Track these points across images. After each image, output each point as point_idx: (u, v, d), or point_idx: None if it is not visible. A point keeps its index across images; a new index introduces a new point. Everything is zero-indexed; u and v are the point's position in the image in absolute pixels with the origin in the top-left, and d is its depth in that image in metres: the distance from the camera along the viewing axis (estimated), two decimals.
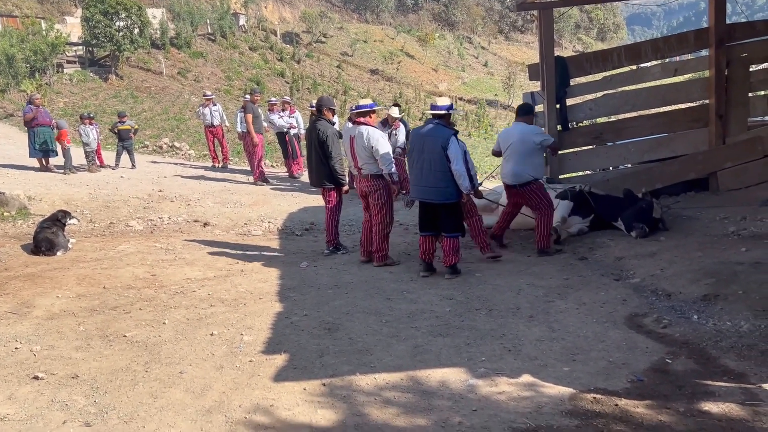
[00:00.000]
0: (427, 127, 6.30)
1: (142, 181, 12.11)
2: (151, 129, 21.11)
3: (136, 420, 3.46)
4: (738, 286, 4.98)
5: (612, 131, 9.24)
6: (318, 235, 8.88)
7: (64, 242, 7.65)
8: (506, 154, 7.04)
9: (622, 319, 4.89)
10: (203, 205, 10.43)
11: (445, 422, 3.38)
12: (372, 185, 6.76)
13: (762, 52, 8.24)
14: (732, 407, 3.42)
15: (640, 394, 3.64)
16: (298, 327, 4.90)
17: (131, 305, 5.52)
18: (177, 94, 27.40)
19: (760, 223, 6.67)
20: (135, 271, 6.62)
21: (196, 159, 16.77)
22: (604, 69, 9.07)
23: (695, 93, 9.14)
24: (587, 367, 4.04)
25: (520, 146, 6.89)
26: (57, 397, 3.76)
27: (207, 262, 7.11)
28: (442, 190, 6.16)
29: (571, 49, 52.24)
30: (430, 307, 5.35)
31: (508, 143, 7.02)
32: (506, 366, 4.10)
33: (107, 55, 27.92)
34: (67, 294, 5.85)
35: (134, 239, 8.45)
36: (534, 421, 3.37)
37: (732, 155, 8.55)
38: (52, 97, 23.04)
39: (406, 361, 4.23)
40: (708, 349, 4.22)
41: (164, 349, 4.50)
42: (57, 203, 9.81)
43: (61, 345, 4.59)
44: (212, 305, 5.50)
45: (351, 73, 38.84)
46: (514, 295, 5.60)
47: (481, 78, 46.62)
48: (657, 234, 6.98)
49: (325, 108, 7.34)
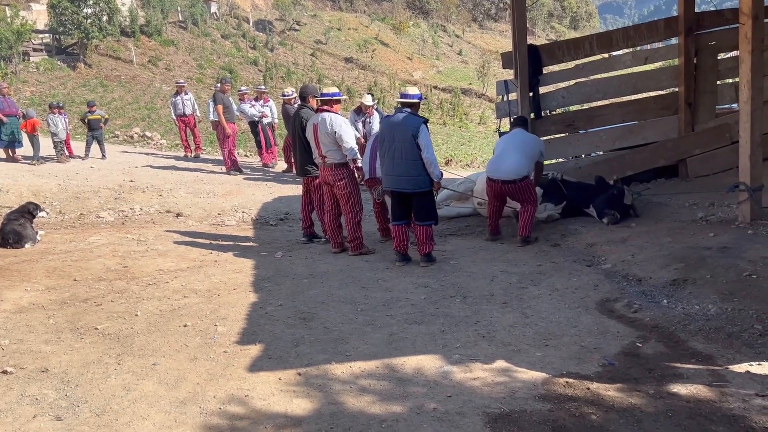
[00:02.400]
0: (397, 116, 6.27)
1: (112, 172, 11.90)
2: (121, 118, 20.77)
3: (109, 413, 3.42)
4: (706, 271, 5.09)
5: (584, 119, 9.35)
6: (293, 224, 8.84)
7: (33, 234, 7.50)
8: (503, 151, 6.99)
9: (594, 304, 4.97)
10: (176, 195, 10.30)
11: (420, 408, 3.40)
12: (336, 174, 6.66)
13: (730, 41, 8.36)
14: (700, 389, 3.50)
15: (611, 377, 3.71)
16: (272, 317, 4.88)
17: (102, 297, 5.44)
18: (148, 82, 26.97)
19: (727, 208, 6.81)
20: (106, 263, 6.52)
21: (168, 149, 16.56)
22: (576, 57, 9.14)
23: (665, 81, 9.28)
24: (560, 352, 4.09)
25: (524, 147, 6.95)
26: (27, 391, 3.69)
27: (180, 253, 7.03)
28: (414, 179, 6.16)
29: (544, 37, 52.48)
30: (405, 295, 5.37)
31: (508, 141, 7.10)
32: (480, 352, 4.14)
33: (75, 43, 27.36)
34: (36, 287, 5.74)
35: (105, 231, 8.32)
36: (508, 405, 3.41)
37: (701, 142, 8.70)
38: (18, 86, 22.52)
39: (381, 349, 4.24)
40: (677, 332, 4.31)
41: (137, 341, 4.45)
42: (25, 195, 9.61)
43: (30, 339, 4.51)
44: (185, 296, 5.45)
45: (325, 62, 38.60)
46: (488, 282, 5.64)
47: (455, 66, 46.68)
48: (628, 220, 7.09)
49: (309, 95, 7.33)
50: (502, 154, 6.98)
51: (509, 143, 7.06)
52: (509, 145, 7.02)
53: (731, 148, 8.18)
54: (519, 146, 6.96)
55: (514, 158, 6.85)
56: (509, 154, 6.92)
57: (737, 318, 4.34)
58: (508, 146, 7.02)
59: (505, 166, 6.87)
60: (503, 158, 6.94)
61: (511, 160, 6.85)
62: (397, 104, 6.53)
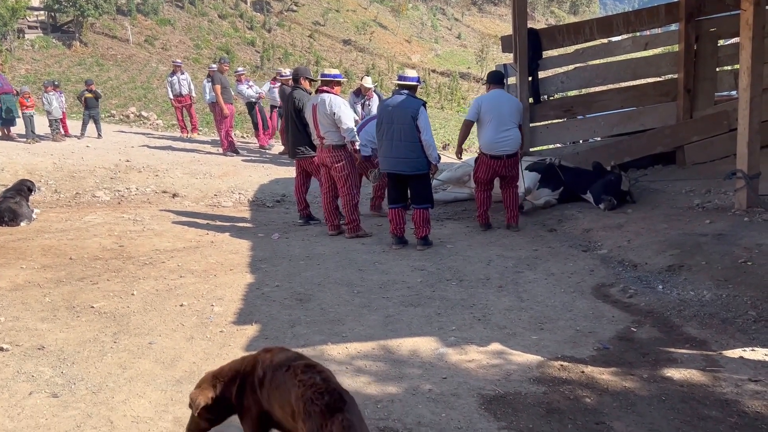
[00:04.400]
0: (396, 99, 6.24)
1: (108, 151, 11.84)
2: (117, 98, 20.63)
3: (105, 391, 3.43)
4: (701, 257, 5.11)
5: (583, 104, 9.32)
6: (290, 206, 8.83)
7: (28, 212, 7.47)
8: (500, 124, 6.53)
9: (590, 289, 4.99)
10: (172, 175, 10.26)
11: (416, 390, 3.42)
12: (334, 156, 6.63)
13: (730, 27, 8.32)
14: (693, 373, 3.53)
15: (606, 361, 3.73)
16: (269, 298, 4.89)
17: (98, 276, 5.44)
18: (144, 62, 26.76)
19: (723, 196, 6.82)
20: (102, 242, 6.51)
21: (164, 129, 16.47)
22: (576, 42, 9.09)
23: (665, 67, 9.23)
24: (555, 336, 4.11)
25: (514, 114, 6.61)
26: (23, 368, 3.70)
27: (176, 233, 7.02)
28: (412, 161, 6.14)
29: (543, 22, 52.16)
30: (401, 277, 5.38)
31: (499, 111, 6.56)
32: (476, 335, 4.15)
33: (70, 21, 27.07)
34: (31, 265, 5.73)
35: (101, 210, 8.29)
36: (502, 388, 3.43)
37: (699, 129, 8.68)
38: (13, 64, 22.33)
39: (377, 330, 4.26)
40: (672, 318, 4.34)
41: (133, 320, 4.45)
42: (20, 173, 9.56)
43: (26, 316, 4.51)
44: (182, 276, 5.45)
45: (323, 43, 38.31)
46: (485, 265, 5.66)
47: (454, 50, 46.39)
48: (624, 206, 7.10)
49: (301, 77, 7.32)
50: (499, 127, 6.53)
51: (499, 112, 6.56)
52: (501, 114, 6.55)
53: (729, 136, 8.17)
54: (511, 113, 6.58)
55: (513, 130, 6.57)
56: (506, 125, 6.54)
57: (732, 304, 4.37)
58: (501, 116, 6.54)
59: (508, 140, 6.56)
60: (501, 131, 6.54)
61: (512, 131, 6.57)
62: (395, 86, 6.49)
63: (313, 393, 2.22)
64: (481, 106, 6.68)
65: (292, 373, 2.36)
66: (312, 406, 2.19)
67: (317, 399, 2.20)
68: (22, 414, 3.20)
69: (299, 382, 2.29)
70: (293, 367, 2.38)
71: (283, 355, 2.51)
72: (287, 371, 2.38)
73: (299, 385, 2.28)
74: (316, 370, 2.37)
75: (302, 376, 2.31)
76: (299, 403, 2.24)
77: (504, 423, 3.08)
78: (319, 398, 2.20)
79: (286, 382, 2.35)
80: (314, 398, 2.20)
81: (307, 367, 2.38)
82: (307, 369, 2.36)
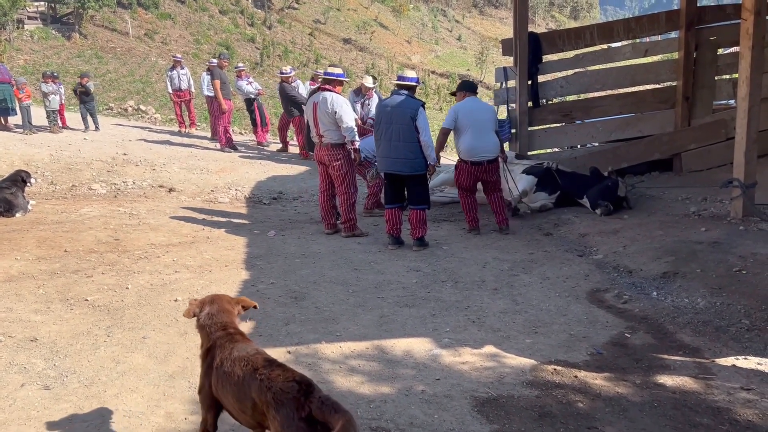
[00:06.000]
0: (395, 99, 6.23)
1: (106, 144, 11.81)
2: (116, 91, 20.57)
3: (97, 384, 3.42)
4: (696, 265, 5.12)
5: (581, 109, 9.34)
6: (286, 204, 8.82)
7: (24, 204, 7.44)
8: (480, 130, 6.57)
9: (584, 293, 5.00)
10: (169, 170, 10.24)
11: (409, 390, 3.42)
12: (332, 155, 6.62)
13: (730, 36, 8.34)
14: (686, 380, 3.54)
15: (599, 366, 3.74)
16: (264, 295, 4.88)
17: (93, 269, 5.42)
18: (143, 56, 26.68)
19: (719, 204, 6.84)
20: (97, 235, 6.49)
21: (162, 123, 16.41)
22: (576, 47, 9.10)
23: (664, 74, 9.26)
24: (549, 340, 4.12)
25: (492, 120, 6.73)
26: (15, 359, 3.68)
27: (172, 228, 7.00)
28: (410, 162, 6.14)
29: (544, 26, 52.22)
30: (396, 278, 5.38)
31: (476, 117, 6.60)
32: (470, 337, 4.16)
33: (70, 13, 26.99)
34: (26, 256, 5.71)
35: (97, 203, 8.27)
36: (495, 390, 3.43)
37: (696, 137, 8.71)
38: (12, 54, 22.23)
39: (371, 330, 4.26)
40: (665, 324, 4.35)
41: (127, 314, 4.44)
42: (16, 164, 9.53)
43: (19, 308, 4.49)
44: (177, 271, 5.43)
45: (323, 42, 38.28)
46: (480, 268, 5.66)
47: (454, 52, 46.42)
48: (621, 212, 7.11)
49: None
50: (480, 133, 6.54)
51: (478, 118, 6.58)
52: (478, 121, 6.57)
53: (726, 144, 8.21)
54: (489, 120, 6.64)
55: (491, 135, 6.64)
56: (486, 131, 6.59)
57: (725, 312, 4.38)
58: (480, 122, 6.57)
59: (489, 144, 6.60)
60: (482, 137, 6.55)
61: (490, 137, 6.62)
62: (394, 87, 6.49)
63: (281, 382, 2.28)
64: (458, 114, 6.64)
65: (251, 368, 2.41)
66: (283, 394, 2.24)
67: (287, 387, 2.25)
68: (13, 406, 3.19)
69: (261, 375, 2.34)
70: (252, 362, 2.43)
71: (243, 349, 2.54)
72: (246, 366, 2.43)
73: (262, 378, 2.33)
74: (275, 364, 2.43)
75: (263, 370, 2.36)
76: (266, 394, 2.28)
77: (496, 426, 3.08)
78: (288, 386, 2.26)
79: (246, 378, 2.40)
80: (284, 387, 2.25)
81: (267, 362, 2.44)
82: (267, 363, 2.42)
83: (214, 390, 2.56)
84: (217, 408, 2.61)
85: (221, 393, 2.52)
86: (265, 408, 2.28)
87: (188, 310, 2.72)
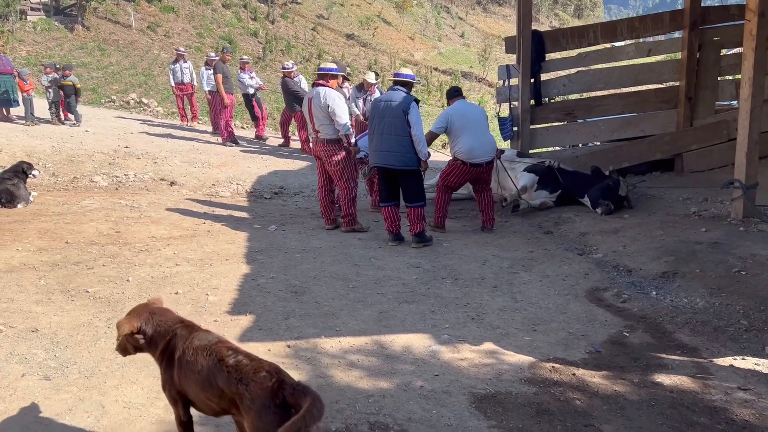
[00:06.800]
0: (389, 95, 6.30)
1: (107, 137, 11.81)
2: (118, 84, 20.54)
3: (97, 375, 3.44)
4: (696, 265, 5.13)
5: (584, 108, 9.34)
6: (287, 198, 8.83)
7: (26, 195, 7.46)
8: (477, 131, 6.60)
9: (584, 292, 5.01)
10: (170, 163, 10.25)
11: (408, 386, 3.43)
12: (328, 150, 6.63)
13: (734, 37, 8.34)
14: (683, 380, 3.55)
15: (597, 364, 3.75)
16: (264, 289, 4.90)
17: (94, 261, 5.44)
18: (146, 48, 26.63)
19: (720, 204, 6.85)
20: (99, 227, 6.50)
21: (164, 116, 16.42)
22: (580, 45, 9.11)
23: (667, 74, 9.26)
24: (547, 338, 4.13)
25: (486, 122, 6.82)
26: (16, 350, 3.70)
27: (173, 221, 7.02)
28: (401, 156, 6.14)
29: (547, 24, 52.10)
30: (396, 274, 5.39)
31: (470, 119, 6.64)
32: (469, 334, 4.17)
33: (73, 4, 26.94)
34: (27, 247, 5.73)
35: (98, 195, 8.28)
36: (494, 387, 3.45)
37: (698, 138, 8.71)
38: (14, 45, 22.19)
39: (371, 325, 4.27)
40: (664, 324, 4.36)
41: (128, 306, 4.42)
42: (18, 155, 9.53)
43: (20, 298, 4.51)
44: (177, 264, 5.45)
45: (326, 37, 38.19)
46: (480, 265, 5.67)
47: (457, 49, 46.29)
48: (621, 212, 7.13)
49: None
50: (478, 134, 6.58)
51: (472, 120, 6.64)
52: (473, 121, 6.63)
53: (728, 145, 8.22)
54: (483, 120, 6.78)
55: (488, 135, 6.75)
56: (483, 131, 6.67)
57: (724, 312, 4.40)
58: (476, 123, 6.63)
59: (487, 146, 6.66)
60: (479, 138, 6.60)
61: (488, 137, 6.71)
62: (391, 83, 6.52)
63: (252, 374, 2.29)
64: (451, 118, 6.66)
65: (215, 358, 2.41)
66: (256, 386, 2.25)
67: (260, 378, 2.27)
68: (14, 395, 3.20)
69: (228, 367, 2.34)
70: (215, 352, 2.43)
71: (204, 338, 2.54)
72: (210, 356, 2.43)
73: (230, 370, 2.33)
74: (239, 352, 2.43)
75: (229, 360, 2.37)
76: (238, 386, 2.29)
77: (494, 422, 3.10)
78: (261, 377, 2.27)
79: (211, 367, 2.40)
80: (256, 379, 2.27)
81: (231, 350, 2.43)
82: (231, 352, 2.42)
83: (176, 382, 2.53)
84: (183, 399, 2.58)
85: (185, 383, 2.50)
86: (238, 399, 2.29)
87: (126, 336, 2.60)
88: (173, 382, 2.54)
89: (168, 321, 2.64)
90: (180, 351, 2.52)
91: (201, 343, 2.50)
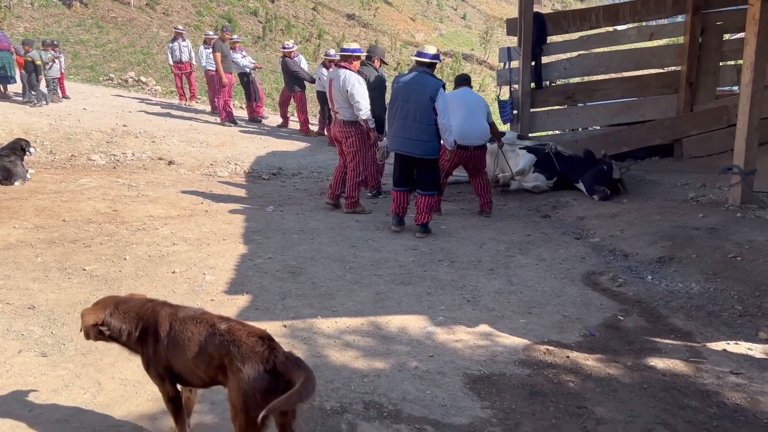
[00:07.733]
0: (412, 75, 5.96)
1: (105, 115, 11.74)
2: (116, 62, 20.39)
3: (94, 353, 3.45)
4: (692, 250, 5.14)
5: (584, 92, 9.30)
6: (285, 179, 8.81)
7: (23, 172, 7.44)
8: (468, 115, 6.56)
9: (580, 276, 5.02)
10: (168, 143, 10.20)
11: (402, 366, 3.46)
12: (344, 131, 6.65)
13: (737, 22, 8.27)
14: (676, 363, 3.58)
15: (591, 347, 3.78)
16: (261, 269, 4.91)
17: (91, 239, 5.44)
18: (145, 26, 26.40)
19: (718, 190, 6.85)
20: (96, 206, 6.49)
21: (163, 95, 16.31)
22: (581, 28, 9.05)
23: (668, 59, 9.20)
24: (542, 320, 4.15)
25: (482, 109, 6.71)
26: (13, 326, 3.71)
27: (171, 200, 7.00)
28: (424, 144, 5.88)
29: (550, 6, 51.60)
30: (394, 256, 5.40)
31: (467, 101, 6.63)
32: (464, 315, 4.19)
33: None
34: (24, 225, 5.72)
35: (96, 173, 8.26)
36: (488, 368, 3.47)
37: (698, 123, 8.69)
38: (11, 21, 21.98)
39: (367, 306, 4.29)
40: (659, 308, 4.38)
41: (124, 284, 4.46)
42: (15, 132, 9.48)
43: (17, 275, 4.51)
44: (175, 244, 5.45)
45: (327, 17, 37.87)
46: (477, 248, 5.68)
47: (458, 31, 45.94)
48: (619, 196, 7.12)
49: (375, 57, 7.79)
50: (468, 119, 6.56)
51: (469, 106, 6.62)
52: (470, 108, 6.61)
53: (728, 131, 8.20)
54: (479, 108, 6.69)
55: (481, 122, 6.65)
56: (476, 116, 6.61)
57: (719, 298, 4.41)
58: (470, 109, 6.60)
59: (477, 131, 6.61)
60: (471, 123, 6.57)
61: (480, 125, 6.64)
62: (414, 63, 6.16)
63: (245, 337, 2.33)
64: (450, 99, 6.47)
65: (207, 324, 2.45)
66: (248, 348, 2.29)
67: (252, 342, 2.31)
68: (10, 371, 3.22)
69: (221, 331, 2.39)
70: (205, 320, 2.47)
71: (190, 310, 2.58)
72: (199, 324, 2.46)
73: (223, 333, 2.37)
74: (230, 319, 2.48)
75: (221, 326, 2.41)
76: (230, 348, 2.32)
77: (488, 402, 3.12)
78: (253, 341, 2.31)
79: (203, 333, 2.43)
80: (249, 342, 2.31)
81: (221, 318, 2.48)
82: (221, 320, 2.47)
83: (163, 357, 2.53)
84: (170, 375, 2.59)
85: (173, 355, 2.51)
86: (228, 362, 2.32)
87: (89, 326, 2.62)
88: (159, 358, 2.55)
89: (135, 305, 2.65)
90: (166, 325, 2.53)
91: (188, 314, 2.54)
